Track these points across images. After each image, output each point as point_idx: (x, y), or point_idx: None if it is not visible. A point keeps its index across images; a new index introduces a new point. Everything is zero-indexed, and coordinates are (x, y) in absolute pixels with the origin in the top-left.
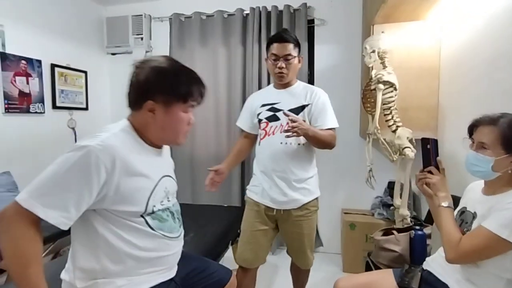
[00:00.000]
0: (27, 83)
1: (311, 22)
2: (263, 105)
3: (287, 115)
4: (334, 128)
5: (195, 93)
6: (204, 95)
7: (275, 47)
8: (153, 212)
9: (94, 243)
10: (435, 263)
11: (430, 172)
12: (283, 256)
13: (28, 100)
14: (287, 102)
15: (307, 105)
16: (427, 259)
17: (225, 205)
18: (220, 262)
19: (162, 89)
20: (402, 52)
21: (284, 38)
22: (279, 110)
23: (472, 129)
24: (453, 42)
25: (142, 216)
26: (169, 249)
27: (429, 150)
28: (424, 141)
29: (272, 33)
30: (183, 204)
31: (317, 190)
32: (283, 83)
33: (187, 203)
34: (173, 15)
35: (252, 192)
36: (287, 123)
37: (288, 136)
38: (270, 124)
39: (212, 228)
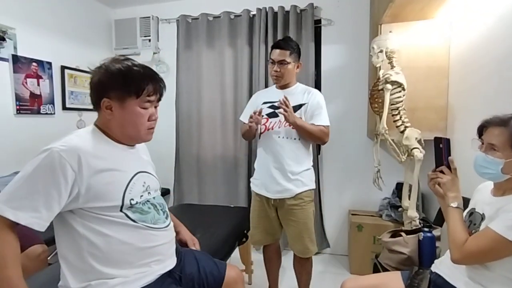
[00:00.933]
0: (38, 84)
1: (318, 22)
2: (265, 103)
3: (285, 100)
4: (326, 126)
5: (147, 88)
6: (159, 90)
7: (273, 53)
8: (132, 206)
9: (78, 244)
10: (444, 265)
11: (442, 171)
12: (290, 257)
13: (39, 101)
14: None
15: (304, 104)
16: (436, 261)
17: (232, 206)
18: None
19: (113, 86)
20: (410, 51)
21: (281, 46)
22: (278, 107)
23: (481, 130)
24: (463, 41)
25: (121, 210)
26: (156, 240)
27: (441, 149)
28: (437, 140)
29: (279, 33)
30: (189, 205)
31: (312, 183)
32: (280, 84)
33: (193, 204)
34: (180, 16)
35: (254, 185)
36: (280, 103)
37: (280, 112)
38: (270, 120)
39: (219, 228)
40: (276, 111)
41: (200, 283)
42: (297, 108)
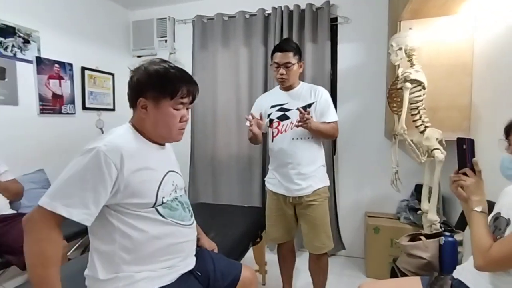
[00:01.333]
0: (60, 85)
1: (333, 20)
2: (273, 106)
3: (301, 112)
4: (335, 122)
5: (181, 90)
6: (193, 93)
7: (277, 56)
8: (162, 203)
9: (112, 237)
10: (467, 271)
11: (465, 174)
12: (304, 258)
13: (61, 101)
14: (295, 102)
15: (313, 103)
16: (457, 267)
17: (246, 206)
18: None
19: (150, 86)
20: (431, 49)
21: (284, 48)
22: (288, 109)
23: (508, 130)
24: (488, 36)
25: (153, 207)
26: (183, 236)
27: (464, 150)
28: (460, 141)
29: (294, 32)
30: (204, 204)
31: (326, 179)
32: (285, 87)
33: (208, 203)
34: (196, 17)
35: (270, 184)
36: (299, 118)
37: (299, 126)
38: (282, 123)
39: (233, 228)
40: (297, 121)
41: (215, 282)
42: (307, 107)
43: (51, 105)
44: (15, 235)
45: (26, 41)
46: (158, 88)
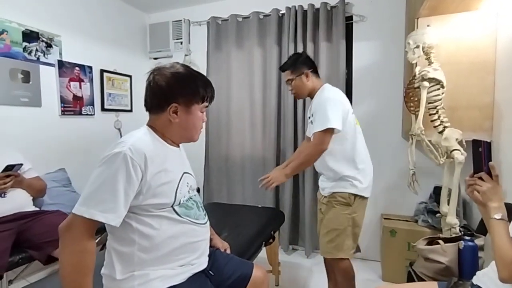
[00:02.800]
0: (80, 87)
1: (349, 18)
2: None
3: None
4: (320, 132)
5: (209, 94)
6: (214, 97)
7: (282, 76)
8: (180, 203)
9: (130, 237)
10: (487, 278)
11: (480, 178)
12: (318, 259)
13: (81, 103)
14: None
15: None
16: (478, 273)
17: (259, 206)
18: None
19: (184, 92)
20: (451, 46)
21: (282, 69)
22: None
23: None
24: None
25: (171, 206)
26: (198, 235)
27: (480, 153)
28: (476, 143)
29: (308, 32)
30: (218, 204)
31: (352, 188)
32: (303, 98)
33: (221, 203)
34: (210, 18)
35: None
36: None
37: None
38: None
39: (246, 228)
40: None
41: (226, 281)
42: (310, 117)
43: (72, 106)
44: (38, 231)
45: (49, 45)
46: (191, 93)
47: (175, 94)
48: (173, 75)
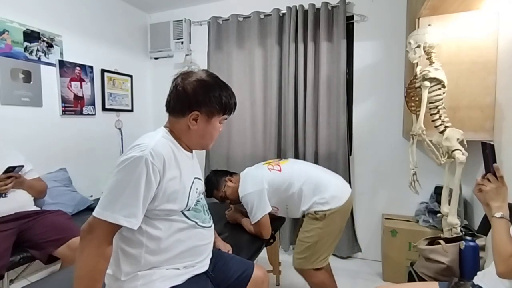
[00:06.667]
0: (81, 87)
1: (350, 18)
2: None
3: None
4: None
5: (232, 106)
6: (235, 110)
7: None
8: (190, 208)
9: (139, 240)
10: (488, 278)
11: (488, 179)
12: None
13: (82, 103)
14: None
15: None
16: (479, 273)
17: None
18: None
19: (208, 102)
20: (452, 46)
21: (207, 195)
22: None
23: None
24: None
25: (181, 211)
26: (204, 238)
27: (487, 155)
28: (483, 146)
29: (309, 31)
30: (218, 203)
31: (326, 205)
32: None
33: None
34: (211, 18)
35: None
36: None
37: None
38: None
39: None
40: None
41: (227, 280)
42: None
43: (73, 106)
44: (39, 230)
45: (50, 45)
46: (215, 104)
47: (199, 102)
48: (200, 83)
